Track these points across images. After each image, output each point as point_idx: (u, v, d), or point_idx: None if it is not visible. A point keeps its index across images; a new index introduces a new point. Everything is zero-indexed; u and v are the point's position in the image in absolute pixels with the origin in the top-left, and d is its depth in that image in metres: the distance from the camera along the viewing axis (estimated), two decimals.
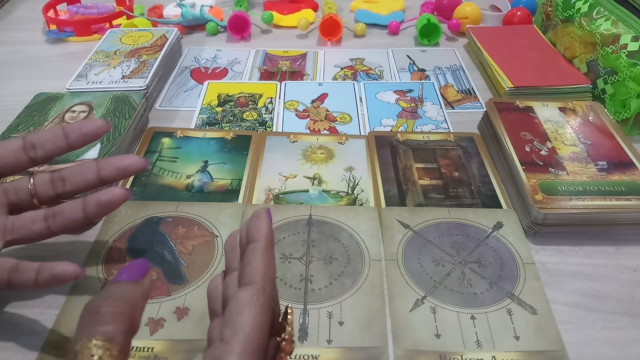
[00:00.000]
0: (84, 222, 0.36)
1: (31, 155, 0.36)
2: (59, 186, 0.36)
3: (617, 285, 0.39)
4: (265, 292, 0.25)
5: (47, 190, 0.36)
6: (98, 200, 0.35)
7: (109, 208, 0.35)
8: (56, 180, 0.36)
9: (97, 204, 0.35)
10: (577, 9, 0.62)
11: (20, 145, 0.36)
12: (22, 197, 0.36)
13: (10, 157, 0.35)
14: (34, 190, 0.36)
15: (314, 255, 0.40)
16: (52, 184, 0.36)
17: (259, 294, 0.25)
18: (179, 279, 0.39)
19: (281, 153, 0.51)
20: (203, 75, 0.66)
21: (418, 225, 0.43)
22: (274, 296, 0.27)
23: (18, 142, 0.36)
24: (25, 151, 0.36)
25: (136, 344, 0.34)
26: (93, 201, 0.35)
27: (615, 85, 0.55)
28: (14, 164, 0.36)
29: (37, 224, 0.35)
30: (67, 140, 0.36)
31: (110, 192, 0.35)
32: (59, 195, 0.36)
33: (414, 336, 0.35)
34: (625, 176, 0.44)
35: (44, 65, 0.69)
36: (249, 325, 0.23)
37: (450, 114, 0.59)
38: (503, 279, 0.39)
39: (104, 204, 0.35)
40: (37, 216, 0.35)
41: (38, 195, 0.36)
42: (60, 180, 0.36)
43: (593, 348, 0.35)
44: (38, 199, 0.36)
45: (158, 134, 0.54)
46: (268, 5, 0.84)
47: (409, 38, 0.77)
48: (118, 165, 0.36)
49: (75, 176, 0.36)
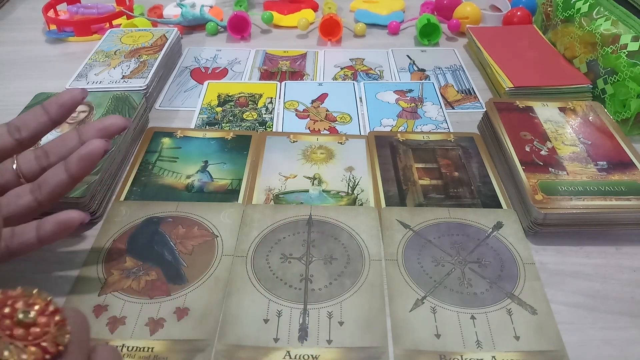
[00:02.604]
0: (68, 183, 0.34)
1: (17, 138, 0.35)
2: (43, 161, 0.36)
3: (617, 285, 0.39)
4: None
5: (32, 166, 0.36)
6: (79, 155, 0.34)
7: (91, 160, 0.34)
8: (40, 156, 0.36)
9: (79, 159, 0.34)
10: (577, 9, 0.62)
11: (5, 130, 0.35)
12: (7, 178, 0.35)
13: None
14: (19, 169, 0.35)
15: (314, 255, 0.40)
16: (36, 160, 0.36)
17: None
18: (179, 279, 0.38)
19: (281, 153, 0.51)
20: (203, 75, 0.66)
21: (418, 225, 0.43)
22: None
23: (2, 127, 0.35)
24: (11, 134, 0.35)
25: (136, 344, 0.34)
26: (75, 157, 0.34)
27: (615, 85, 0.55)
28: (1, 148, 0.35)
29: (23, 197, 0.34)
30: (48, 114, 0.36)
31: (89, 144, 0.34)
32: (44, 169, 0.36)
33: (414, 336, 0.35)
34: (625, 176, 0.44)
35: (44, 65, 0.69)
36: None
37: (450, 114, 0.59)
38: (503, 279, 0.39)
39: (85, 157, 0.34)
40: (23, 190, 0.35)
41: (23, 173, 0.35)
42: (44, 154, 0.36)
43: (593, 348, 0.35)
44: (25, 177, 0.35)
45: (158, 134, 0.54)
46: (268, 5, 0.84)
47: (409, 38, 0.77)
48: (98, 127, 0.36)
49: (58, 147, 0.36)
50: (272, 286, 0.38)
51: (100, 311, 0.36)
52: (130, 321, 0.35)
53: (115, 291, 0.37)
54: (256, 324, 0.35)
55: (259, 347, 0.34)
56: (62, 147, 0.36)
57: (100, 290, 0.37)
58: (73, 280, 0.38)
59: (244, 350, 0.34)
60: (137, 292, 0.37)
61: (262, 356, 0.33)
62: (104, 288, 0.38)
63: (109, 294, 0.37)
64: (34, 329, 0.22)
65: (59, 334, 0.23)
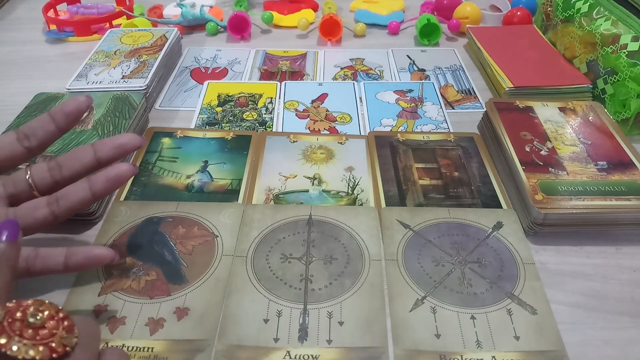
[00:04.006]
0: (90, 201, 0.35)
1: (26, 146, 0.36)
2: (56, 173, 0.36)
3: (617, 285, 0.39)
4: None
5: (44, 178, 0.36)
6: (107, 176, 0.35)
7: (118, 183, 0.35)
8: (53, 168, 0.36)
9: (106, 180, 0.35)
10: (577, 9, 0.62)
11: (14, 138, 0.36)
12: (20, 189, 0.36)
13: (5, 150, 0.35)
14: (32, 180, 0.35)
15: (314, 255, 0.40)
16: (49, 171, 0.36)
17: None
18: (179, 279, 0.38)
19: (281, 153, 0.51)
20: (203, 75, 0.66)
21: (418, 225, 0.43)
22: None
23: (12, 135, 0.36)
24: (20, 142, 0.36)
25: (136, 344, 0.34)
26: (101, 178, 0.35)
27: (615, 85, 0.55)
28: (11, 156, 0.36)
29: (39, 210, 0.34)
30: (55, 123, 0.36)
31: (119, 167, 0.35)
32: (57, 182, 0.36)
33: (414, 336, 0.35)
34: (625, 176, 0.44)
35: (44, 65, 0.69)
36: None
37: (450, 114, 0.59)
38: (503, 279, 0.39)
39: (113, 179, 0.35)
40: (39, 203, 0.35)
41: (36, 184, 0.35)
42: (57, 166, 0.36)
43: (593, 348, 0.35)
44: (37, 189, 0.36)
45: (158, 134, 0.54)
46: (268, 5, 0.84)
47: (409, 38, 0.77)
48: (114, 143, 0.36)
49: (72, 161, 0.36)
50: (272, 286, 0.38)
51: (100, 311, 0.36)
52: (130, 321, 0.35)
53: (115, 291, 0.37)
54: (256, 324, 0.35)
55: (259, 347, 0.34)
56: (76, 162, 0.36)
57: (100, 290, 0.37)
58: (73, 280, 0.38)
59: (244, 350, 0.34)
60: (137, 292, 0.37)
61: (262, 356, 0.33)
62: (104, 288, 0.38)
63: (109, 294, 0.37)
64: (43, 331, 0.24)
65: (67, 336, 0.24)
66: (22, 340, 0.23)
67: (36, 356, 0.23)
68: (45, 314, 0.24)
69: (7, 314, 0.24)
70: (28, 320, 0.24)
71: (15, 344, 0.23)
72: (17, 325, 0.23)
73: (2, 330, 0.23)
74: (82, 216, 0.43)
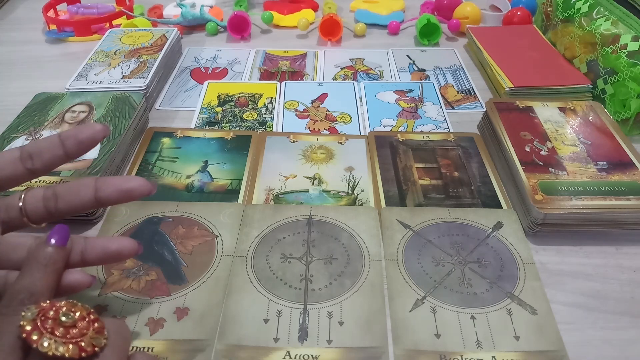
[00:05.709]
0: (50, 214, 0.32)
1: (29, 167, 0.33)
2: (51, 205, 0.32)
3: (617, 285, 0.39)
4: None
5: (37, 208, 0.32)
6: (103, 248, 0.32)
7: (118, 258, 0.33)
8: (49, 198, 0.32)
9: (103, 251, 0.32)
10: (577, 9, 0.62)
11: (18, 157, 0.33)
12: (12, 215, 0.32)
13: (7, 168, 0.33)
14: (24, 209, 0.32)
15: (314, 255, 0.40)
16: (43, 201, 0.32)
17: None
18: (179, 279, 0.39)
19: (281, 153, 0.51)
20: (203, 75, 0.66)
21: (418, 225, 0.43)
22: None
23: (15, 153, 0.33)
24: (22, 162, 0.33)
25: (136, 344, 0.34)
26: (97, 247, 0.32)
27: (615, 85, 0.55)
28: (11, 176, 0.33)
29: (17, 252, 0.31)
30: (64, 148, 0.34)
31: (123, 250, 0.32)
32: (50, 214, 0.33)
33: (414, 336, 0.35)
34: (625, 176, 0.44)
35: (44, 65, 0.69)
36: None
37: (450, 114, 0.59)
38: (503, 279, 0.39)
39: (110, 256, 0.32)
40: (23, 242, 0.31)
41: (28, 213, 0.32)
42: (54, 197, 0.32)
43: (593, 348, 0.35)
44: (28, 217, 0.32)
45: (158, 134, 0.54)
46: (268, 5, 0.84)
47: (409, 38, 0.77)
48: (120, 187, 0.32)
49: (70, 194, 0.33)
50: (272, 286, 0.38)
51: (100, 311, 0.36)
52: (130, 321, 0.35)
53: (115, 291, 0.37)
54: (256, 324, 0.35)
55: (259, 347, 0.34)
56: (74, 196, 0.33)
57: (100, 290, 0.37)
58: None
59: (244, 350, 0.34)
60: (137, 292, 0.37)
61: (262, 356, 0.33)
62: (104, 288, 0.38)
63: (109, 294, 0.37)
64: (73, 330, 0.25)
65: (97, 337, 0.26)
66: (53, 338, 0.24)
67: (65, 353, 0.24)
68: (77, 315, 0.26)
69: (40, 312, 0.25)
70: (60, 319, 0.25)
71: (46, 341, 0.24)
72: (50, 324, 0.25)
73: (34, 327, 0.24)
74: (82, 216, 0.43)
